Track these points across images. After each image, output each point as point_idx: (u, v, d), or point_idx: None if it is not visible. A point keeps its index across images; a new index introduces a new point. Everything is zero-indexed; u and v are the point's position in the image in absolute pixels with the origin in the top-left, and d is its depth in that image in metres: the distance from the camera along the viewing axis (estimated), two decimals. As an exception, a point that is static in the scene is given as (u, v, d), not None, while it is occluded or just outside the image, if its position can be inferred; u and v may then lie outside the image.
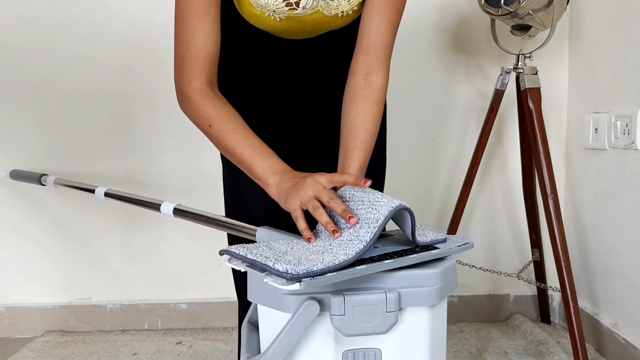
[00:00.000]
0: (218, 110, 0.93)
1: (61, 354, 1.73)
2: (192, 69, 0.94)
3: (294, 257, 0.71)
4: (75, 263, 1.92)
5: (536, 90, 1.57)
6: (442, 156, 1.92)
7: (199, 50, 0.93)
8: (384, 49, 1.00)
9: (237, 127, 0.93)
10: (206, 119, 0.93)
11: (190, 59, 0.93)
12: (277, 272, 0.66)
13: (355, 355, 0.71)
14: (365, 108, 0.99)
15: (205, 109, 0.93)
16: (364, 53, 1.00)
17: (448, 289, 0.74)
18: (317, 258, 0.70)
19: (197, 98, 0.94)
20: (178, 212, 1.14)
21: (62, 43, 1.84)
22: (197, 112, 0.94)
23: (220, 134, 0.92)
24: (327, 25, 1.03)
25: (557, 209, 1.54)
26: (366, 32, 0.99)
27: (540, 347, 1.66)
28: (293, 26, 1.01)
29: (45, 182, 1.65)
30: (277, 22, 0.99)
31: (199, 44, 0.93)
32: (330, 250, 0.73)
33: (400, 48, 1.85)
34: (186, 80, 0.94)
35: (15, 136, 1.87)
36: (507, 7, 1.43)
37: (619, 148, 1.56)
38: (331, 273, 0.67)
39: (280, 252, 0.74)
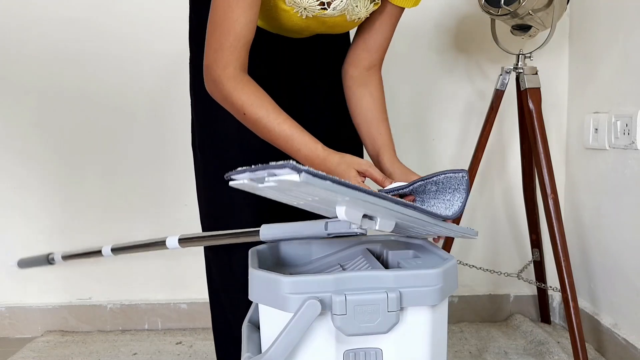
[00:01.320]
0: (250, 97, 0.94)
1: (61, 354, 1.73)
2: (229, 56, 0.94)
3: None
4: (75, 263, 1.92)
5: (536, 90, 1.57)
6: (442, 156, 1.92)
7: (239, 38, 0.94)
8: (386, 49, 1.13)
9: (269, 114, 0.93)
10: (240, 106, 0.94)
11: (229, 46, 0.94)
12: (281, 165, 0.63)
13: (356, 354, 0.71)
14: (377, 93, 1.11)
15: (238, 96, 0.94)
16: (369, 51, 1.10)
17: (449, 289, 0.74)
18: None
19: (231, 85, 0.94)
20: (184, 241, 1.15)
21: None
22: (230, 99, 0.95)
23: (255, 122, 0.94)
24: (340, 28, 1.07)
25: (557, 209, 1.54)
26: (374, 33, 1.09)
27: (541, 347, 1.66)
28: (311, 25, 1.04)
29: (54, 261, 1.66)
30: (300, 20, 1.01)
31: (240, 32, 0.94)
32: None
33: (401, 48, 1.86)
34: (221, 66, 0.95)
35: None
36: (507, 7, 1.43)
37: (619, 148, 1.56)
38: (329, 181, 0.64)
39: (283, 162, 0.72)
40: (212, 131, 1.13)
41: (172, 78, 1.84)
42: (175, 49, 1.76)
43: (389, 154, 1.04)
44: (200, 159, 1.16)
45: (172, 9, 1.78)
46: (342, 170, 0.91)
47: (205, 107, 1.14)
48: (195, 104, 1.17)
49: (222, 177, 1.11)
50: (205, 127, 1.15)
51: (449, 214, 0.83)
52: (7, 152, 1.88)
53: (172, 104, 1.86)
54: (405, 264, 0.83)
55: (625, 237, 1.55)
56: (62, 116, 1.87)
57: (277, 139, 0.94)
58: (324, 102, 1.19)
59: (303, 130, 0.94)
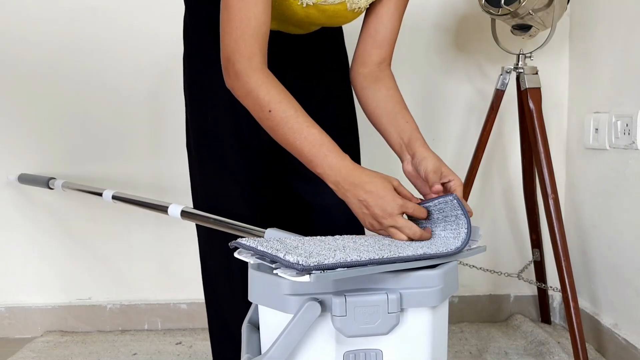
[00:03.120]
0: (280, 93, 0.88)
1: (61, 354, 1.73)
2: (253, 45, 0.88)
3: (305, 251, 0.71)
4: (74, 263, 1.92)
5: (536, 90, 1.57)
6: (443, 156, 1.88)
7: (260, 25, 0.88)
8: (394, 43, 1.09)
9: (297, 115, 0.87)
10: (266, 103, 0.87)
11: (251, 34, 0.88)
12: (288, 263, 0.65)
13: (356, 356, 0.71)
14: (392, 84, 1.08)
15: (267, 91, 0.87)
16: (378, 47, 1.07)
17: (449, 290, 0.74)
18: (329, 254, 0.69)
19: (259, 78, 0.88)
20: (186, 215, 1.13)
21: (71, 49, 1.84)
22: (256, 94, 0.88)
23: (280, 121, 0.87)
24: (340, 18, 1.05)
25: (557, 209, 1.53)
26: (382, 27, 1.06)
27: (541, 347, 1.66)
28: (311, 14, 1.01)
29: (53, 185, 1.64)
30: (300, 8, 0.99)
31: (261, 18, 0.88)
32: (342, 249, 0.73)
33: (401, 48, 1.85)
34: (246, 57, 0.88)
35: (20, 138, 1.86)
36: (507, 6, 1.43)
37: (619, 148, 1.56)
38: (342, 269, 0.66)
39: (291, 247, 0.74)
40: (207, 129, 1.11)
41: (170, 76, 1.84)
42: (172, 45, 1.76)
43: (421, 140, 0.99)
44: (196, 158, 1.14)
45: (171, 4, 1.79)
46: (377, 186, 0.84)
47: (199, 104, 1.12)
48: (190, 101, 1.14)
49: (219, 174, 1.12)
50: (200, 125, 1.12)
51: (459, 244, 0.80)
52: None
53: (172, 103, 1.86)
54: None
55: (626, 237, 1.55)
56: (60, 115, 1.86)
57: (302, 142, 0.87)
58: (324, 101, 1.18)
59: (331, 139, 0.88)
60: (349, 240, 0.82)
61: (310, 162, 0.87)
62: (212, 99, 1.10)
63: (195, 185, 1.17)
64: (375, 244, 0.78)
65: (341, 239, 0.83)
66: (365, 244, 0.78)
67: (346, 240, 0.82)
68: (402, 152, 1.00)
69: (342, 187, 0.86)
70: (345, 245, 0.76)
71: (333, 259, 0.66)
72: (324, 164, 0.86)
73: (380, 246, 0.76)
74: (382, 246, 0.77)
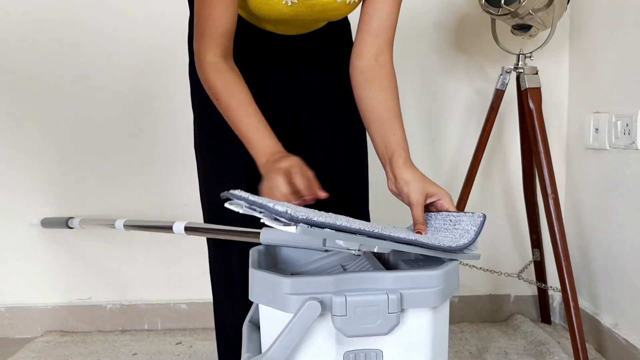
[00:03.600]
0: (226, 85, 0.97)
1: (61, 354, 1.73)
2: (210, 42, 0.98)
3: (295, 208, 0.71)
4: (75, 263, 1.92)
5: (536, 90, 1.57)
6: (443, 156, 1.92)
7: (217, 25, 0.97)
8: (392, 32, 1.04)
9: (239, 105, 0.97)
10: (215, 92, 0.98)
11: (208, 33, 0.98)
12: (277, 212, 0.65)
13: (356, 356, 0.71)
14: (387, 84, 1.03)
15: (215, 82, 0.97)
16: (374, 36, 1.02)
17: (450, 291, 0.74)
18: (319, 215, 0.69)
19: (210, 71, 0.98)
20: (189, 230, 1.18)
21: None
22: (208, 85, 0.99)
23: (225, 110, 0.98)
24: (332, 13, 1.04)
25: (557, 209, 1.53)
26: (376, 16, 1.02)
27: (541, 347, 1.66)
28: (300, 12, 1.01)
29: (72, 224, 1.73)
30: (286, 7, 0.99)
31: (218, 19, 0.97)
32: (335, 217, 0.72)
33: (401, 47, 1.85)
34: (202, 52, 0.98)
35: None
36: (507, 6, 1.43)
37: (619, 148, 1.56)
38: (330, 230, 0.66)
39: (282, 204, 0.73)
40: (210, 131, 1.14)
41: (172, 77, 1.84)
42: (177, 50, 1.76)
43: (403, 158, 0.96)
44: (200, 159, 1.17)
45: (175, 5, 1.79)
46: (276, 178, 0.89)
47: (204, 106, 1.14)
48: (196, 103, 1.17)
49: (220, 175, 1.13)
50: (203, 126, 1.15)
51: (454, 245, 0.78)
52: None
53: (172, 102, 1.86)
54: (407, 265, 0.83)
55: (626, 237, 1.55)
56: (60, 115, 1.86)
57: (242, 130, 0.96)
58: (323, 97, 1.18)
59: (268, 128, 0.96)
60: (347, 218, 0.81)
61: (247, 145, 0.97)
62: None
63: (201, 185, 1.19)
64: (370, 226, 0.76)
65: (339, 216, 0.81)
66: (360, 222, 0.77)
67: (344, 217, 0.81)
68: (385, 167, 0.99)
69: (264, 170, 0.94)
70: (338, 218, 0.75)
71: (322, 219, 0.66)
72: (256, 150, 0.95)
73: (374, 226, 0.75)
74: (375, 227, 0.75)
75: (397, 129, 0.99)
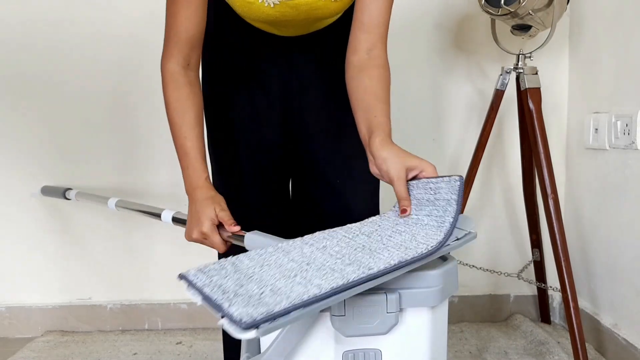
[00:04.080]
0: (178, 99, 0.98)
1: (61, 354, 1.73)
2: (172, 48, 0.98)
3: (258, 286, 0.63)
4: (75, 263, 1.92)
5: (536, 90, 1.57)
6: (443, 156, 1.92)
7: (180, 31, 0.97)
8: (384, 27, 1.01)
9: (182, 124, 0.97)
10: (166, 103, 0.98)
11: (170, 40, 0.98)
12: (231, 317, 0.57)
13: (355, 355, 0.71)
14: (377, 73, 0.98)
15: (168, 93, 0.98)
16: (365, 32, 1.00)
17: (449, 290, 0.74)
18: (285, 289, 0.62)
19: (166, 79, 0.98)
20: (177, 221, 1.15)
21: (64, 42, 1.84)
22: (163, 92, 0.99)
23: (170, 123, 0.98)
24: (320, 12, 1.02)
25: (557, 209, 1.54)
26: (367, 10, 0.99)
27: (541, 347, 1.66)
28: (286, 13, 1.01)
29: (69, 196, 1.71)
30: (270, 9, 0.99)
31: (181, 25, 0.97)
32: (304, 275, 0.65)
33: (401, 47, 1.86)
34: (164, 58, 0.99)
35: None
36: (507, 7, 1.43)
37: (619, 148, 1.56)
38: (296, 311, 0.58)
39: (244, 278, 0.66)
40: (218, 131, 1.16)
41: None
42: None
43: (381, 137, 0.90)
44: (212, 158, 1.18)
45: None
46: (205, 206, 0.93)
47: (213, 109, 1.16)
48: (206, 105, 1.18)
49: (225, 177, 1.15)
50: (212, 127, 1.17)
51: (440, 238, 0.73)
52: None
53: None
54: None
55: (626, 237, 1.55)
56: (63, 114, 1.87)
57: (178, 150, 0.98)
58: (322, 95, 1.18)
59: (201, 155, 0.97)
60: (321, 247, 0.74)
61: (180, 163, 0.99)
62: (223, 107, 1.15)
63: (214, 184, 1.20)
64: (349, 250, 0.72)
65: (313, 247, 0.75)
66: (337, 252, 0.71)
67: (318, 247, 0.74)
68: (366, 150, 0.93)
69: (188, 196, 0.98)
70: (312, 261, 0.69)
71: (287, 301, 0.58)
72: (183, 175, 0.98)
73: (353, 254, 0.70)
74: (355, 253, 0.70)
75: (379, 111, 0.94)
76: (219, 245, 0.94)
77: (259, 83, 1.14)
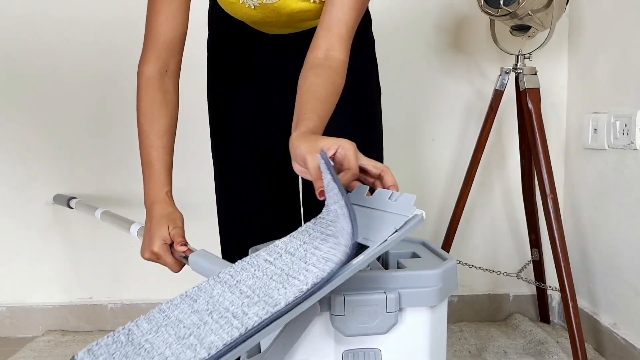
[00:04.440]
0: (148, 105, 0.94)
1: (62, 354, 1.73)
2: (150, 52, 0.95)
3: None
4: (75, 263, 1.93)
5: (535, 91, 1.57)
6: (442, 156, 1.92)
7: (159, 33, 0.94)
8: (345, 27, 0.92)
9: (150, 132, 0.94)
10: (137, 108, 0.95)
11: (150, 42, 0.95)
12: None
13: (355, 355, 0.72)
14: (326, 74, 0.89)
15: (140, 98, 0.95)
16: (325, 29, 0.92)
17: (448, 290, 0.74)
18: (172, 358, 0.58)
19: (140, 84, 0.95)
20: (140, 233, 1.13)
21: (57, 41, 1.84)
22: (137, 98, 0.95)
23: (138, 132, 0.95)
24: (303, 14, 1.01)
25: (556, 208, 1.54)
26: (328, 8, 0.92)
27: (540, 346, 1.66)
28: (269, 15, 1.00)
29: (73, 205, 1.72)
30: (252, 10, 0.99)
31: (160, 27, 0.94)
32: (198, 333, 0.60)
33: (400, 48, 1.86)
34: (141, 62, 0.96)
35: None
36: (506, 7, 1.43)
37: (618, 148, 1.56)
38: None
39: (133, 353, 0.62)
40: (219, 131, 1.17)
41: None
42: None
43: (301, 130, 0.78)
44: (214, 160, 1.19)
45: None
46: (159, 224, 0.91)
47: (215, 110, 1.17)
48: (208, 106, 1.19)
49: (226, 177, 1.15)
50: (214, 128, 1.18)
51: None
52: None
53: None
54: (405, 264, 0.83)
55: (625, 236, 1.55)
56: (62, 112, 1.87)
57: (142, 159, 0.95)
58: None
59: (165, 168, 0.94)
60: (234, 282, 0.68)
61: (143, 173, 0.95)
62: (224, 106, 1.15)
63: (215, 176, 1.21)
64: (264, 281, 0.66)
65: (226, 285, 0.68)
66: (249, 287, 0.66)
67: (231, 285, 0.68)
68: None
69: (146, 210, 0.95)
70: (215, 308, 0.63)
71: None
72: (144, 186, 0.95)
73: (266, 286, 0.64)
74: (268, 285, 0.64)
75: (310, 108, 0.83)
76: (172, 266, 0.92)
77: (258, 82, 1.14)
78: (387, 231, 0.64)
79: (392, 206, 0.67)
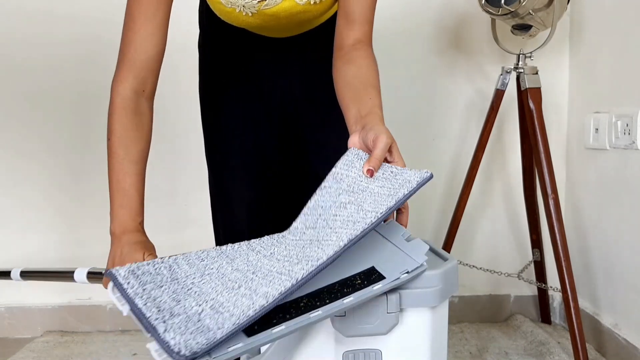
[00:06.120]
0: (124, 128, 0.89)
1: (61, 354, 1.73)
2: (126, 71, 0.90)
3: (197, 302, 0.58)
4: (74, 263, 1.92)
5: (537, 90, 1.57)
6: (443, 156, 1.92)
7: (138, 52, 0.89)
8: (369, 25, 0.97)
9: (124, 157, 0.88)
10: (109, 130, 0.89)
11: (127, 59, 0.90)
12: (167, 346, 0.51)
13: (355, 356, 0.71)
14: (365, 63, 0.94)
15: (115, 119, 0.89)
16: (350, 29, 0.96)
17: (449, 290, 0.74)
18: (228, 304, 0.57)
19: (115, 104, 0.89)
20: (93, 276, 1.11)
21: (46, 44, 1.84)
22: (109, 117, 0.90)
23: (109, 155, 0.89)
24: (303, 16, 1.00)
25: (557, 209, 1.53)
26: (350, 7, 0.95)
27: (541, 347, 1.66)
28: (267, 21, 1.00)
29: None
30: (249, 18, 0.98)
31: (140, 45, 0.89)
32: (249, 285, 0.61)
33: (401, 48, 1.86)
34: (116, 80, 0.90)
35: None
36: (507, 6, 1.43)
37: (619, 148, 1.56)
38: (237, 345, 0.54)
39: (182, 291, 0.61)
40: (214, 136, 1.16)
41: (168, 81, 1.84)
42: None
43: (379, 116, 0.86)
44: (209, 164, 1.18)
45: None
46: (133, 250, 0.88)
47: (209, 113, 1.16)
48: (202, 109, 1.18)
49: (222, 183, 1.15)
50: (208, 132, 1.17)
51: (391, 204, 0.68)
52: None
53: (171, 107, 1.85)
54: None
55: (626, 237, 1.54)
56: (57, 116, 1.87)
57: (113, 184, 0.89)
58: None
59: (140, 196, 0.90)
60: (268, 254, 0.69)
61: (110, 200, 0.91)
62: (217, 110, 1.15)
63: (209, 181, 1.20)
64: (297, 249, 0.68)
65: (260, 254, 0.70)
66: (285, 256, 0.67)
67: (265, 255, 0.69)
68: (355, 124, 0.87)
69: (114, 238, 0.92)
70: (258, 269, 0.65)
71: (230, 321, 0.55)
72: (114, 213, 0.91)
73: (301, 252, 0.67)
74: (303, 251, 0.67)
75: (375, 94, 0.89)
76: None
77: (254, 86, 1.14)
78: (400, 269, 0.69)
79: (406, 246, 0.72)
